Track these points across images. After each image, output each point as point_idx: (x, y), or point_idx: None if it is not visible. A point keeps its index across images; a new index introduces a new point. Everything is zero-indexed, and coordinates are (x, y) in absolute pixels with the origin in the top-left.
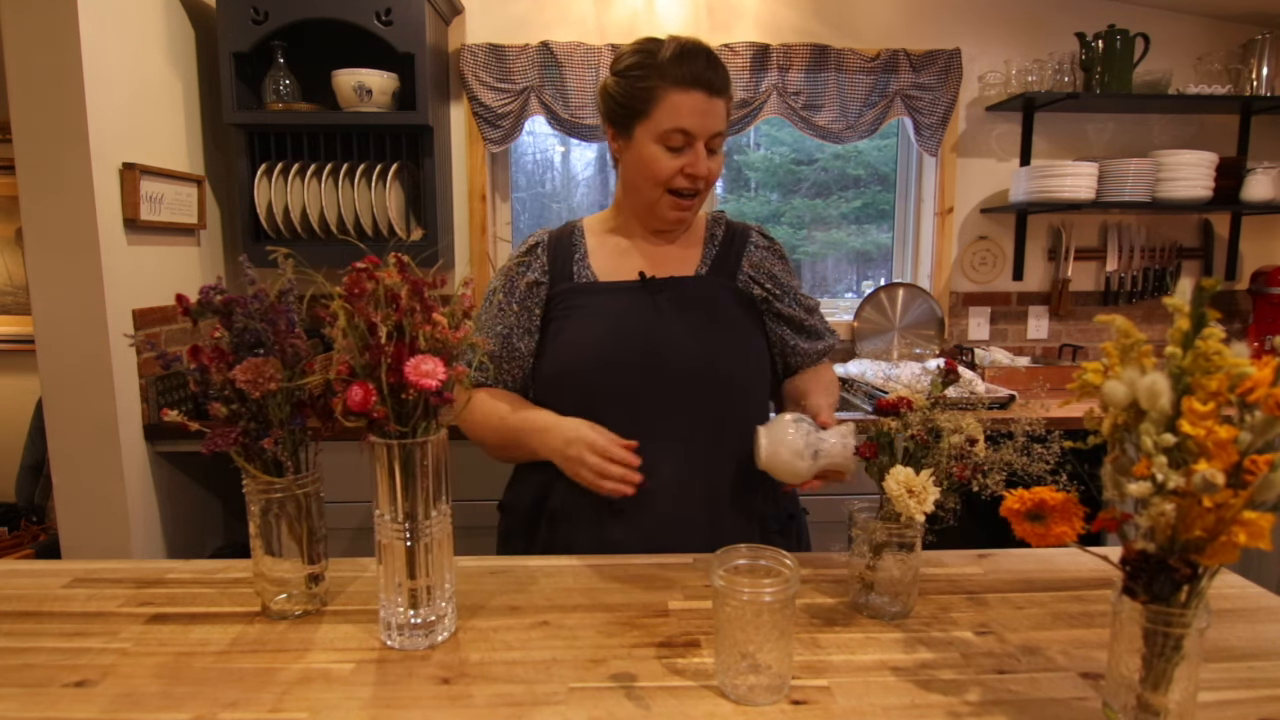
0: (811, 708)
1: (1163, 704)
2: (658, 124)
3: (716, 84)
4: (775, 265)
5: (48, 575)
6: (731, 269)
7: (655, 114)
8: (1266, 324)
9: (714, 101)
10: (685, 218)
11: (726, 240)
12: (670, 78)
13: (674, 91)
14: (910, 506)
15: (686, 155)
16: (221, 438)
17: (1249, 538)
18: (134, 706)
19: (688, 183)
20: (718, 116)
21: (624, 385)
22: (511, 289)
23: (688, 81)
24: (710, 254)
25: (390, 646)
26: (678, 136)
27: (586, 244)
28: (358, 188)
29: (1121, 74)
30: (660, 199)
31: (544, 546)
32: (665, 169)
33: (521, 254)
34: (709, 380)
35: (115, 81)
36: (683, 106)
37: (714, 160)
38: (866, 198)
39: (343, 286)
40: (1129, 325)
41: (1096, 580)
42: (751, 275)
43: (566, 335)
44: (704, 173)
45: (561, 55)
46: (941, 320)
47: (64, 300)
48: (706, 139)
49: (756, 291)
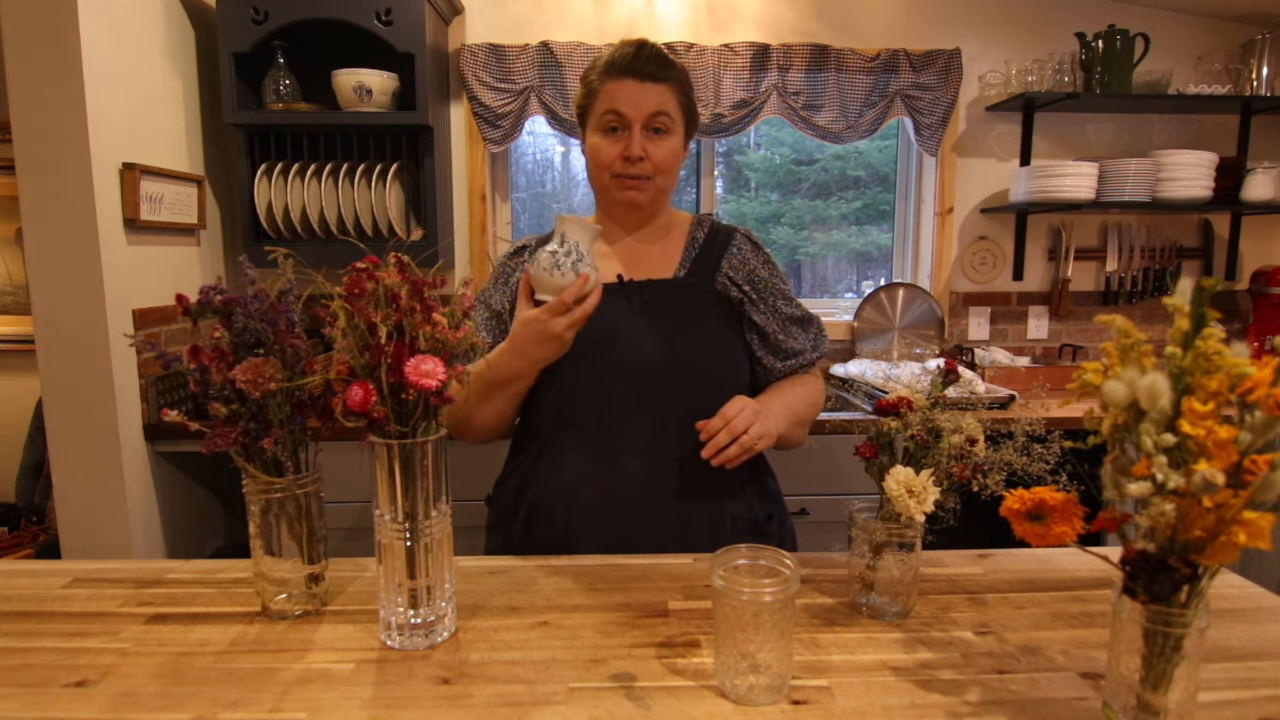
0: (811, 708)
1: (1163, 704)
2: (596, 114)
3: (647, 70)
4: (758, 269)
5: (48, 575)
6: (710, 270)
7: (594, 106)
8: (1266, 324)
9: (646, 86)
10: (635, 199)
11: (708, 242)
12: (604, 72)
13: (607, 82)
14: (910, 506)
15: (624, 139)
16: (221, 438)
17: (1249, 538)
18: (134, 706)
19: (626, 166)
20: (652, 99)
21: (597, 384)
22: (501, 288)
23: (617, 71)
24: (690, 256)
25: (390, 646)
26: (611, 117)
27: None
28: (358, 188)
29: (1121, 74)
30: (609, 184)
31: (519, 540)
32: (605, 155)
33: (511, 255)
34: (680, 381)
35: (115, 81)
36: (614, 93)
37: (658, 144)
38: (867, 198)
39: (343, 286)
40: (1129, 325)
41: (1096, 580)
42: (730, 277)
43: None
44: (638, 154)
45: (561, 55)
46: (941, 320)
47: (64, 300)
48: (643, 121)
49: (734, 294)
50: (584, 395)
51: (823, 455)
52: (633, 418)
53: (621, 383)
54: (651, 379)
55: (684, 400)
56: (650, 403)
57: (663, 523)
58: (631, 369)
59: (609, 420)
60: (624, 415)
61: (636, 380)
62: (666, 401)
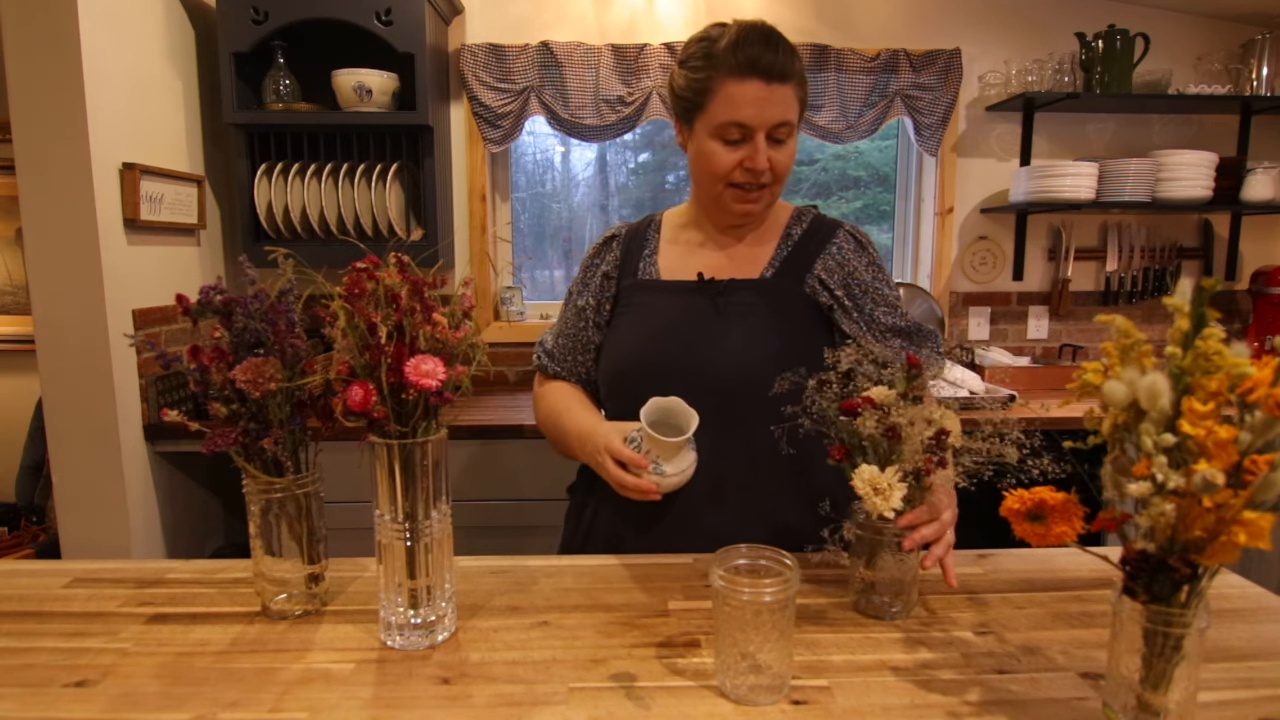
0: (811, 708)
1: (1163, 704)
2: (713, 117)
3: (776, 69)
4: (859, 270)
5: (48, 575)
6: (800, 271)
7: (711, 107)
8: (1266, 324)
9: (773, 89)
10: (752, 210)
11: (805, 239)
12: (724, 67)
13: (728, 82)
14: (877, 504)
15: (745, 148)
16: (221, 438)
17: (1249, 538)
18: (134, 706)
19: (747, 177)
20: (779, 105)
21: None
22: (586, 281)
23: (742, 70)
24: (783, 253)
25: (390, 646)
26: (734, 130)
27: (660, 238)
28: (358, 188)
29: (1121, 74)
30: (722, 193)
31: (587, 529)
32: (723, 164)
33: (598, 246)
34: (746, 391)
35: (115, 81)
36: (736, 98)
37: (780, 151)
38: (867, 198)
39: (343, 286)
40: (1129, 325)
41: (1096, 580)
42: (823, 279)
43: (618, 334)
44: (763, 166)
45: (561, 55)
46: (942, 320)
47: (64, 300)
48: (768, 129)
49: (824, 299)
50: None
51: None
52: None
53: (685, 388)
54: (715, 388)
55: (749, 412)
56: (712, 412)
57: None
58: (702, 379)
59: None
60: None
61: (699, 388)
62: (729, 412)
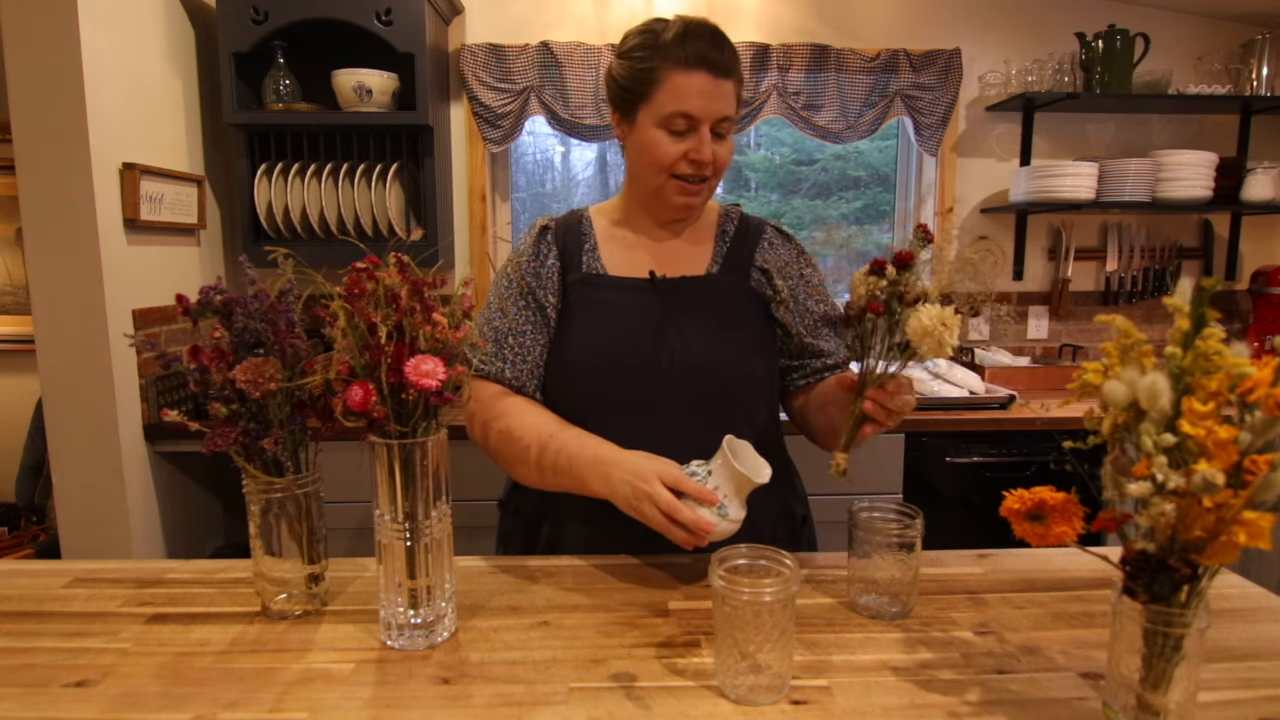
0: (811, 708)
1: (1163, 704)
2: (660, 107)
3: (722, 64)
4: (790, 262)
5: (48, 575)
6: (744, 266)
7: (657, 97)
8: (1266, 324)
9: (719, 83)
10: (693, 203)
11: (739, 236)
12: (673, 58)
13: (676, 73)
14: (945, 339)
15: (690, 140)
16: (221, 438)
17: (1249, 538)
18: (134, 706)
19: (692, 169)
20: (724, 99)
21: (625, 387)
22: (539, 275)
23: (691, 62)
24: (722, 250)
25: (390, 646)
26: (680, 120)
27: (595, 234)
28: (358, 188)
29: (1121, 74)
30: (665, 184)
31: (546, 547)
32: (668, 154)
33: (536, 237)
34: (714, 383)
35: (115, 81)
36: (685, 88)
37: (722, 146)
38: (867, 198)
39: (343, 286)
40: (1129, 325)
41: (1096, 580)
42: (765, 270)
43: (573, 331)
44: (708, 158)
45: (561, 55)
46: None
47: (64, 300)
48: (712, 123)
49: (767, 292)
50: (613, 400)
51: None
52: (663, 424)
53: (653, 386)
54: (683, 381)
55: (717, 403)
56: (682, 406)
57: None
58: (663, 371)
59: (641, 424)
60: (653, 423)
61: (669, 383)
62: (699, 404)
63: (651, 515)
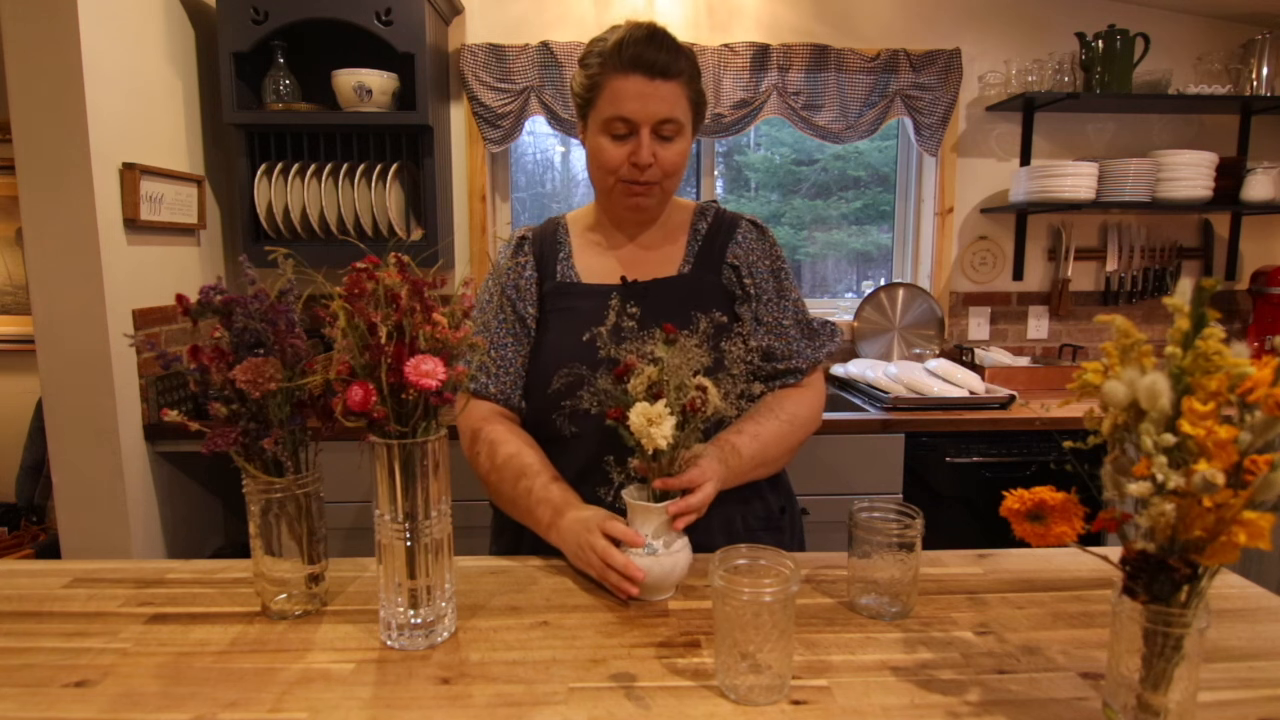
0: (811, 708)
1: (1163, 704)
2: (600, 112)
3: (659, 65)
4: (759, 260)
5: (48, 575)
6: (716, 263)
7: (599, 103)
8: (1266, 324)
9: (656, 84)
10: (641, 204)
11: (711, 232)
12: (611, 65)
13: (614, 77)
14: (652, 434)
15: (631, 143)
16: (221, 438)
17: (1249, 538)
18: (134, 706)
19: (633, 173)
20: (662, 101)
21: None
22: (504, 290)
23: (626, 65)
24: (694, 248)
25: (390, 646)
26: (619, 124)
27: (570, 242)
28: (358, 188)
29: (1121, 74)
30: (613, 188)
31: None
32: (611, 158)
33: (515, 250)
34: None
35: (115, 81)
36: (621, 92)
37: (668, 148)
38: (867, 198)
39: (343, 286)
40: (1129, 325)
41: (1096, 580)
42: (735, 266)
43: (548, 339)
44: (647, 160)
45: (561, 55)
46: (941, 320)
47: (64, 300)
48: (653, 125)
49: (737, 290)
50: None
51: (823, 455)
52: None
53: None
54: None
55: None
56: None
57: None
58: None
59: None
60: None
61: None
62: None
63: (591, 563)
